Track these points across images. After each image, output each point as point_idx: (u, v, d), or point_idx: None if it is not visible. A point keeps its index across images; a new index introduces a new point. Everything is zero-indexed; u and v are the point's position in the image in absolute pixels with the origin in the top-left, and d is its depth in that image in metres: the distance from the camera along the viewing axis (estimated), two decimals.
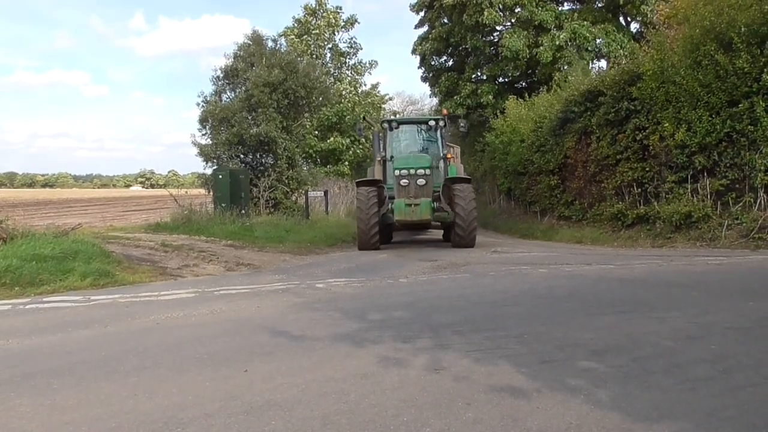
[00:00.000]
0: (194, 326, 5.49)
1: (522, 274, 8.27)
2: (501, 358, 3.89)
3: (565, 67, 24.14)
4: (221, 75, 19.85)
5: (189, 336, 5.08)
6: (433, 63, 31.71)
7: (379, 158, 15.43)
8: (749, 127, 11.61)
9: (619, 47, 24.93)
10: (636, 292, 6.44)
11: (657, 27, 18.15)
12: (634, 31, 27.69)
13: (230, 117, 18.35)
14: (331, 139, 29.83)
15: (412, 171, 13.66)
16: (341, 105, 30.07)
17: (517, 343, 4.25)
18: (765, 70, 11.47)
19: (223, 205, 16.01)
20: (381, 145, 15.58)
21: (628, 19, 28.23)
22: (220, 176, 16.76)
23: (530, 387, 3.34)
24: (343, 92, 31.10)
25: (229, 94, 20.10)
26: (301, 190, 19.32)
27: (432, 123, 15.73)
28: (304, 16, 33.58)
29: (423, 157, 14.30)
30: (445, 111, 17.24)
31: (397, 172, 13.65)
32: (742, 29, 11.83)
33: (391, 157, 15.20)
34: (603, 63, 26.85)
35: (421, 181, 13.53)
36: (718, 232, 11.53)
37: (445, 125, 15.87)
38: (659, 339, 4.20)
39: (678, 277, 7.46)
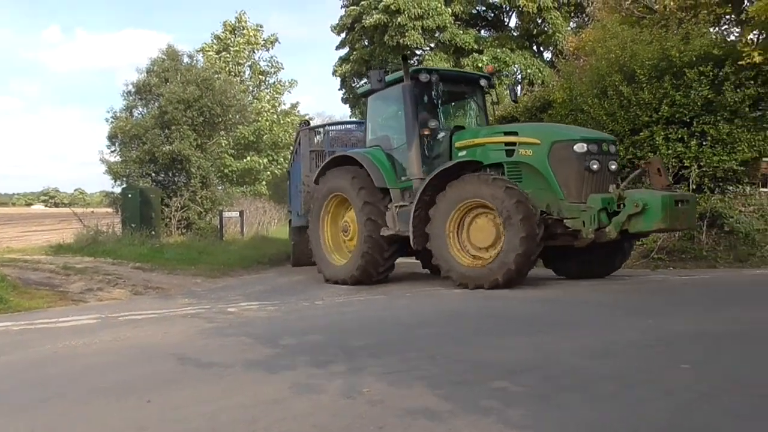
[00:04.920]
0: (96, 354, 5.20)
1: (439, 295, 8.34)
2: (415, 380, 3.87)
3: None
4: (133, 90, 19.31)
5: (90, 365, 4.80)
6: (354, 84, 31.91)
7: (427, 131, 9.55)
8: (649, 154, 12.26)
9: (538, 71, 26.00)
10: (547, 312, 6.61)
11: (567, 57, 19.05)
12: (547, 59, 28.93)
13: (142, 134, 17.87)
14: (248, 158, 29.44)
15: (605, 147, 8.65)
16: (259, 124, 29.77)
17: (432, 365, 4.24)
18: (664, 101, 12.21)
19: (132, 225, 15.51)
20: (416, 110, 9.61)
21: (541, 48, 29.45)
22: (130, 195, 16.27)
23: (444, 409, 3.32)
24: (262, 111, 30.80)
25: (141, 110, 19.58)
26: (215, 211, 18.91)
27: (483, 82, 10.52)
28: (224, 32, 33.19)
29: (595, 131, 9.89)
30: (490, 67, 11.27)
31: (580, 148, 8.33)
32: (645, 63, 12.57)
33: (435, 128, 9.59)
34: (518, 89, 27.86)
35: (613, 166, 8.67)
36: None
37: (490, 89, 10.85)
38: (568, 357, 4.30)
39: (585, 296, 7.72)
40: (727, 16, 16.72)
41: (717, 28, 17.05)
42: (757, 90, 12.20)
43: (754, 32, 15.06)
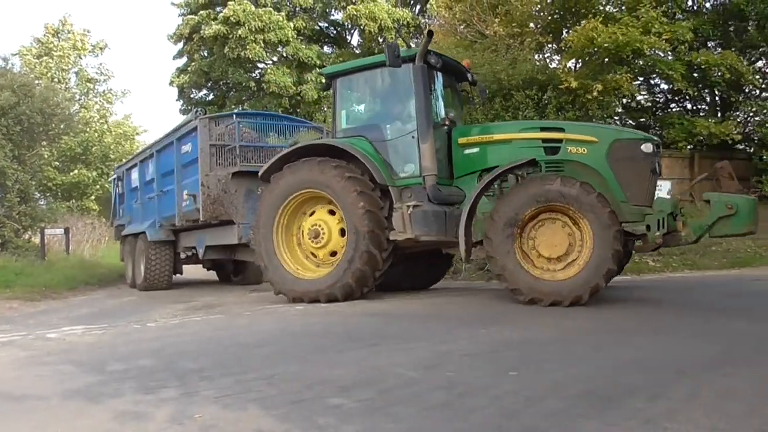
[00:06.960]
0: None
1: (278, 313, 8.20)
2: (250, 401, 3.74)
3: (325, 109, 25.06)
4: None
5: None
6: (192, 96, 30.84)
7: (447, 121, 8.70)
8: None
9: None
10: (385, 326, 6.71)
11: None
12: None
13: None
14: (76, 171, 27.42)
15: (660, 149, 8.20)
16: (87, 134, 27.86)
17: (268, 385, 4.14)
18: (495, 122, 13.07)
19: None
20: (429, 96, 8.51)
21: None
22: None
23: (279, 429, 3.25)
24: (90, 121, 28.86)
25: None
26: (36, 228, 17.36)
27: (469, 77, 9.76)
28: (45, 35, 30.79)
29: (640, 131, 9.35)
30: (467, 62, 10.23)
31: (647, 148, 7.60)
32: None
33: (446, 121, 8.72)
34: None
35: (659, 168, 8.17)
36: (459, 265, 12.62)
37: (473, 85, 10.10)
38: (403, 370, 4.39)
39: (422, 308, 7.95)
40: (549, 45, 18.29)
41: (540, 55, 18.59)
42: (575, 113, 13.45)
43: (572, 61, 16.60)
